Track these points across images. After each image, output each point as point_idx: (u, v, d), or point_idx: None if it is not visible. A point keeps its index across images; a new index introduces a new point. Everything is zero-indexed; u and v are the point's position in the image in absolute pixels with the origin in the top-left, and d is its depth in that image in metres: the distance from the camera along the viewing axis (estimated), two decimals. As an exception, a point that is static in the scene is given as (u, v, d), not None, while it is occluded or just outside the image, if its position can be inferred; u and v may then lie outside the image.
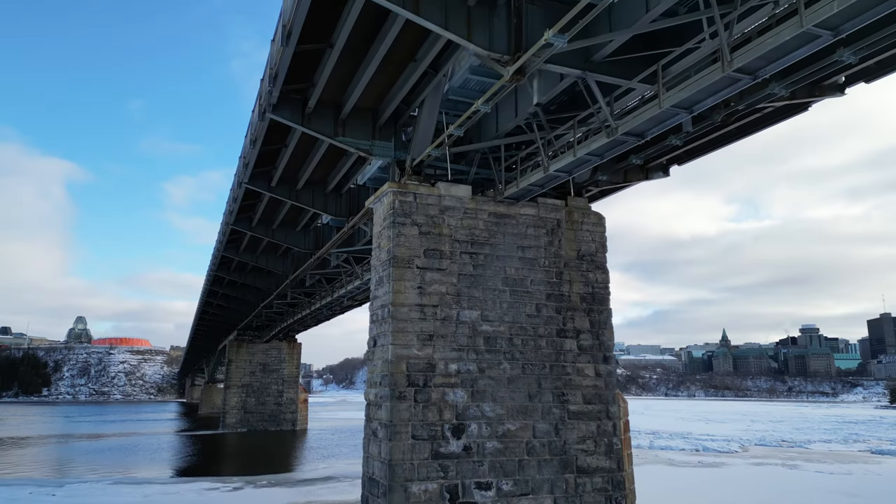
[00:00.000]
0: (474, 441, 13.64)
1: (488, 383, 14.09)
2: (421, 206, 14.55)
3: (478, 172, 15.61)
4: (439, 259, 14.40)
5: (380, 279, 14.69)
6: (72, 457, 34.47)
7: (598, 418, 14.89)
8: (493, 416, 13.92)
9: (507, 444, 13.89)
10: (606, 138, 11.18)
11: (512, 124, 13.75)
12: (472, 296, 14.47)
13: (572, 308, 15.36)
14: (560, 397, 14.65)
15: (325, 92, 14.19)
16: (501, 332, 14.50)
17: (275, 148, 17.99)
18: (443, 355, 13.89)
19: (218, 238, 30.93)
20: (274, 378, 53.71)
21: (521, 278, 15.03)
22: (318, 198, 20.75)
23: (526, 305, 14.90)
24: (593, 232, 16.16)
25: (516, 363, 14.46)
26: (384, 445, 13.22)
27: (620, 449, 14.93)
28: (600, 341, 15.46)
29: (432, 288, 14.17)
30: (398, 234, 14.17)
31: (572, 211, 16.04)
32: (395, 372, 13.43)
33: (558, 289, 15.34)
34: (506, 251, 15.05)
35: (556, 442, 14.34)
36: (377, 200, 15.24)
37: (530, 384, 14.46)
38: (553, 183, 13.98)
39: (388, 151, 15.40)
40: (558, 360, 14.88)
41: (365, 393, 14.86)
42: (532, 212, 15.57)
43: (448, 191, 14.84)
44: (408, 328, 13.76)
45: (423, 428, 13.33)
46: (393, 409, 13.19)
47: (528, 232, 15.41)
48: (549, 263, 15.39)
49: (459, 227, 14.77)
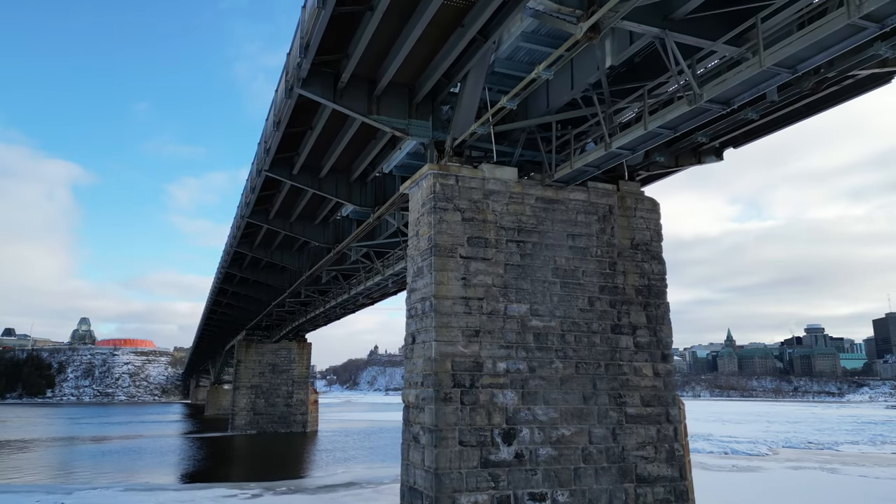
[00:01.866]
0: (526, 447, 12.37)
1: (540, 384, 12.82)
2: (463, 189, 13.28)
3: (522, 154, 14.36)
4: (484, 248, 13.13)
5: (418, 270, 13.43)
6: (78, 460, 33.27)
7: (657, 422, 13.60)
8: (545, 421, 12.65)
9: (561, 451, 12.61)
10: (687, 106, 9.88)
11: (566, 98, 12.49)
12: (520, 288, 13.20)
13: (627, 302, 14.07)
14: (617, 399, 13.37)
15: (361, 65, 12.92)
16: (552, 327, 13.23)
17: (299, 131, 16.72)
18: (490, 353, 12.62)
19: (231, 233, 29.69)
20: (283, 379, 52.45)
21: (573, 269, 13.75)
22: (342, 187, 19.48)
23: (578, 299, 13.62)
24: (647, 219, 14.87)
25: (569, 362, 13.18)
26: (428, 452, 11.95)
27: (682, 455, 13.64)
28: (658, 338, 14.17)
29: (477, 279, 12.91)
30: (439, 220, 12.91)
31: (625, 196, 14.76)
32: (440, 371, 12.17)
33: (612, 281, 14.06)
34: (555, 239, 13.77)
35: (614, 448, 13.06)
36: (414, 185, 13.98)
37: (585, 385, 13.18)
38: (613, 162, 12.70)
39: (426, 131, 14.14)
40: (614, 359, 13.60)
41: (403, 394, 13.59)
42: (582, 197, 14.29)
43: (492, 173, 13.57)
44: (452, 323, 12.50)
45: (471, 433, 12.06)
46: (438, 413, 11.92)
47: (578, 219, 14.13)
48: (601, 253, 14.11)
49: (505, 212, 13.51)
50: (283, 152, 17.92)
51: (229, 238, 30.63)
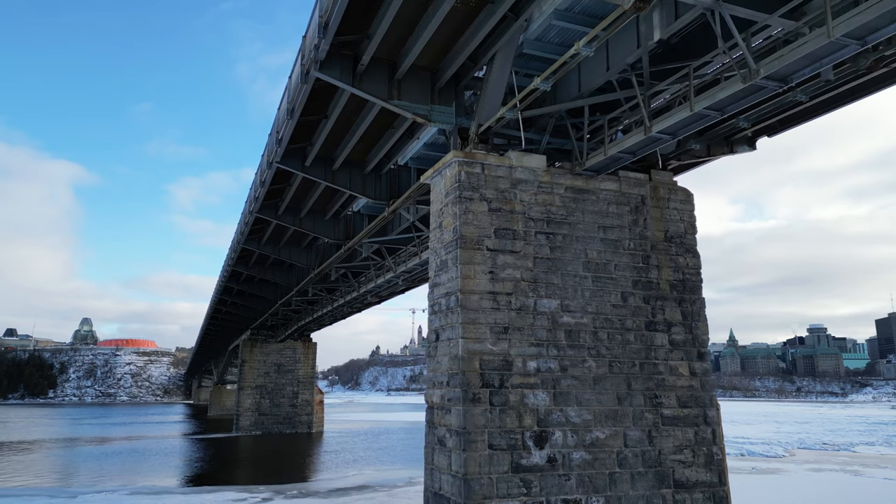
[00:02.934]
0: (559, 451, 11.65)
1: (572, 384, 12.10)
2: (490, 178, 12.57)
3: (549, 142, 13.65)
4: (512, 240, 12.42)
5: (442, 263, 12.72)
6: (80, 462, 32.60)
7: (695, 424, 12.88)
8: (579, 423, 11.93)
9: (595, 455, 11.89)
10: (741, 84, 9.16)
11: (600, 80, 11.78)
12: (551, 282, 12.49)
13: (662, 297, 13.35)
14: (652, 400, 12.65)
15: (382, 46, 12.23)
16: (584, 324, 12.51)
17: (313, 119, 16.01)
18: (520, 351, 11.91)
19: (238, 229, 28.98)
20: (289, 379, 51.75)
21: (604, 262, 13.04)
22: (356, 180, 18.77)
23: (611, 294, 12.91)
24: (681, 210, 14.15)
25: (602, 360, 12.46)
26: (456, 456, 11.24)
27: (721, 459, 12.92)
28: (694, 335, 13.45)
29: (505, 273, 12.19)
30: (465, 210, 12.20)
31: (657, 186, 14.04)
32: (467, 370, 11.45)
33: (645, 275, 13.35)
34: (586, 231, 13.06)
35: (650, 452, 12.34)
36: (437, 174, 13.27)
37: (619, 385, 12.46)
38: (650, 149, 11.99)
39: (449, 117, 13.43)
40: (648, 357, 12.88)
41: (426, 395, 12.88)
42: (613, 187, 13.57)
43: (520, 161, 12.86)
44: (479, 319, 11.79)
45: (501, 436, 11.35)
46: (466, 414, 11.21)
47: (609, 209, 13.42)
48: (634, 246, 13.39)
49: (533, 203, 12.80)
50: (296, 143, 17.22)
51: (236, 235, 29.94)
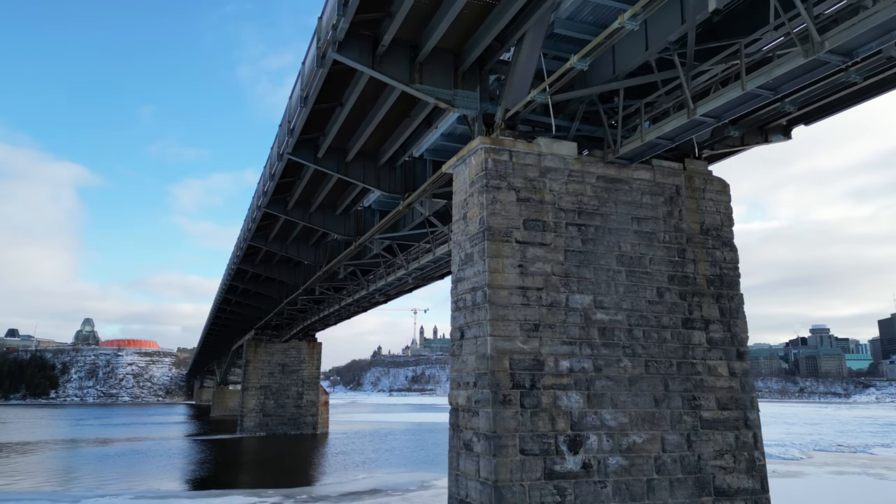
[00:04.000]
0: (594, 457, 10.92)
1: (607, 385, 11.37)
2: (518, 166, 11.85)
3: (579, 129, 12.93)
4: (542, 232, 11.69)
5: (467, 257, 11.99)
6: (82, 464, 31.91)
7: (735, 427, 12.14)
8: (614, 426, 11.19)
9: (632, 461, 11.15)
10: (803, 59, 8.43)
11: (637, 60, 11.03)
12: (583, 277, 11.76)
13: (699, 293, 12.62)
14: (691, 402, 11.91)
15: (404, 27, 11.51)
16: (619, 321, 11.78)
17: (328, 108, 15.28)
18: (552, 350, 11.18)
19: (244, 226, 28.26)
20: (293, 379, 51.05)
21: (639, 256, 12.30)
22: (370, 172, 18.04)
23: (646, 289, 12.17)
24: (717, 201, 13.42)
25: (638, 360, 11.73)
26: (485, 462, 10.51)
27: (763, 465, 12.18)
28: (732, 333, 12.72)
29: (535, 267, 11.46)
30: (492, 200, 11.47)
31: (692, 176, 13.30)
32: (497, 370, 10.72)
33: (681, 269, 12.61)
34: (619, 223, 12.33)
35: (689, 457, 11.60)
36: (460, 162, 12.55)
37: (655, 386, 11.72)
38: (691, 134, 11.26)
39: (473, 102, 12.71)
40: (686, 357, 12.14)
41: (450, 396, 12.15)
42: (647, 176, 12.84)
43: (550, 148, 12.13)
44: (509, 316, 11.06)
45: (534, 440, 10.62)
46: (496, 417, 10.48)
47: (643, 200, 12.68)
48: (669, 239, 12.66)
49: (563, 192, 12.07)
50: (309, 133, 16.49)
51: (242, 231, 29.23)
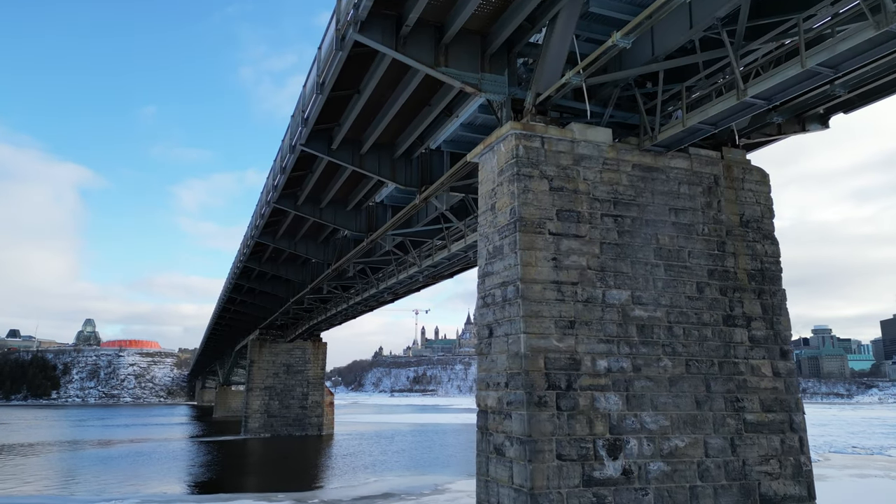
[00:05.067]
0: (634, 462, 10.24)
1: (646, 385, 10.68)
2: (550, 153, 11.17)
3: (612, 116, 12.25)
4: (576, 223, 11.01)
5: (495, 250, 11.31)
6: (84, 466, 31.26)
7: (780, 430, 11.45)
8: (655, 429, 10.51)
9: (674, 467, 10.47)
10: (874, 31, 7.75)
11: (681, 40, 10.35)
12: (619, 271, 11.08)
13: (740, 288, 11.93)
14: (734, 404, 11.22)
15: (429, 7, 10.83)
16: (658, 318, 11.10)
17: (345, 95, 14.59)
18: (588, 348, 10.50)
19: (252, 222, 27.59)
20: (298, 380, 50.36)
21: (677, 249, 11.62)
22: (385, 164, 17.36)
23: (685, 284, 11.49)
24: (757, 192, 12.73)
25: (678, 359, 11.04)
26: (519, 468, 9.82)
27: (810, 471, 11.49)
28: (776, 331, 12.03)
29: (570, 260, 10.79)
30: (524, 189, 10.79)
31: (731, 165, 12.62)
32: (531, 370, 10.04)
33: (721, 263, 11.93)
34: (656, 214, 11.65)
35: (734, 462, 10.91)
36: (487, 150, 11.87)
37: (697, 386, 11.03)
38: (738, 118, 10.57)
39: (501, 87, 12.02)
40: (728, 356, 11.45)
41: (478, 397, 11.47)
42: (684, 165, 12.16)
43: (584, 134, 11.45)
44: (543, 312, 10.38)
45: (571, 445, 9.94)
46: (531, 420, 9.80)
47: (680, 190, 12.00)
48: (708, 231, 11.98)
49: (598, 181, 11.39)
50: (323, 123, 15.80)
51: (249, 228, 28.56)
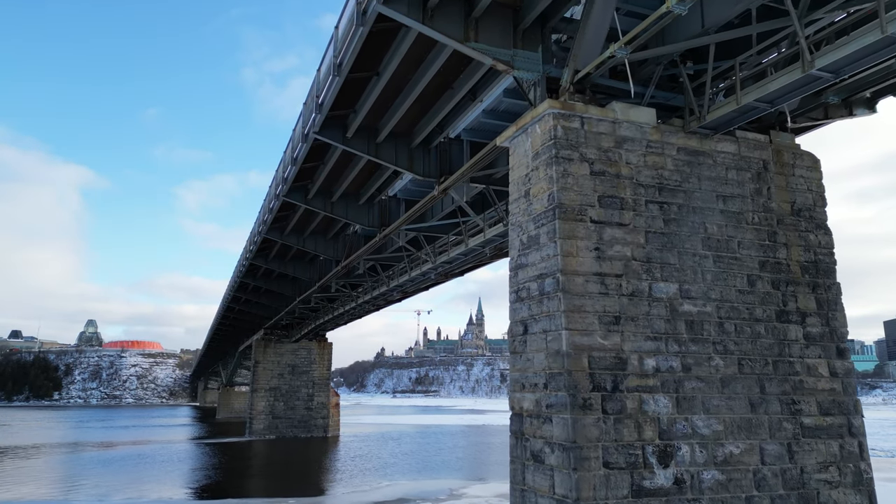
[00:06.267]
0: (687, 470, 9.36)
1: (697, 387, 9.81)
2: (590, 135, 10.30)
3: (653, 96, 11.37)
4: (619, 210, 10.14)
5: (531, 239, 10.44)
6: (85, 469, 30.45)
7: (839, 435, 10.57)
8: (708, 435, 9.63)
9: (729, 475, 9.59)
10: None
11: (738, 8, 9.49)
12: (666, 262, 10.21)
13: (793, 282, 11.06)
14: (790, 406, 10.34)
15: (459, -27, 10.00)
16: (708, 313, 10.22)
17: (364, 77, 13.72)
18: (635, 346, 9.63)
19: (259, 217, 26.76)
20: (304, 381, 49.51)
21: (726, 239, 10.75)
22: (402, 154, 16.51)
23: (735, 277, 10.62)
24: (808, 179, 11.86)
25: (731, 358, 10.16)
26: (562, 477, 8.95)
27: (871, 478, 10.60)
28: (832, 328, 11.15)
29: (614, 250, 9.92)
30: (563, 172, 9.92)
31: (780, 150, 11.74)
32: (575, 369, 9.17)
33: (773, 254, 11.05)
34: (703, 201, 10.78)
35: (791, 470, 10.03)
36: (520, 132, 11.00)
37: (751, 388, 10.16)
38: (800, 93, 9.66)
39: (535, 64, 11.16)
40: (782, 354, 10.57)
41: (511, 399, 10.59)
42: (731, 149, 11.29)
43: (626, 114, 10.58)
44: (586, 307, 9.51)
45: (619, 452, 9.06)
46: (576, 424, 8.92)
47: (728, 176, 11.13)
48: (758, 220, 11.10)
49: (642, 165, 10.52)
50: (339, 109, 14.94)
51: (256, 224, 27.73)
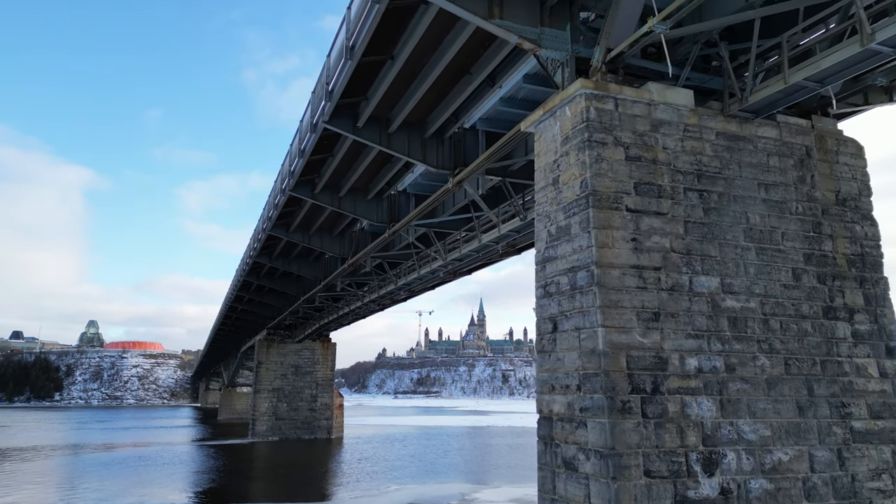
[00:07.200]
0: (733, 479, 8.63)
1: (742, 388, 9.09)
2: (625, 117, 9.59)
3: (688, 78, 10.65)
4: (657, 198, 9.43)
5: (559, 230, 9.73)
6: (84, 473, 29.77)
7: (891, 440, 9.83)
8: (754, 440, 8.91)
9: (778, 484, 8.86)
10: None
11: (786, -19, 8.79)
12: (707, 254, 9.49)
13: (839, 276, 10.34)
14: (840, 410, 9.62)
15: (484, -56, 9.29)
16: (752, 309, 9.50)
17: (377, 61, 13.01)
18: (675, 344, 8.91)
19: (263, 214, 26.07)
20: (307, 381, 48.80)
21: (769, 230, 10.03)
22: (415, 144, 15.79)
23: (780, 270, 9.89)
24: (853, 167, 11.14)
25: (777, 357, 9.44)
26: (600, 486, 8.23)
27: (926, 487, 9.86)
28: (880, 325, 10.42)
29: (651, 241, 9.20)
30: (597, 157, 9.21)
31: (823, 136, 11.02)
32: (612, 370, 8.45)
33: (818, 247, 10.33)
34: (744, 190, 10.06)
35: (842, 478, 9.31)
36: (548, 115, 10.28)
37: (798, 389, 9.43)
38: (855, 71, 8.94)
39: (563, 43, 10.45)
40: (830, 354, 9.85)
41: (539, 401, 9.86)
42: (772, 134, 10.57)
43: (662, 96, 9.86)
44: (623, 302, 8.79)
45: (661, 459, 8.34)
46: (614, 429, 8.20)
47: (770, 163, 10.41)
48: (802, 210, 10.38)
49: (679, 151, 9.80)
50: (350, 96, 14.23)
51: (260, 221, 27.04)
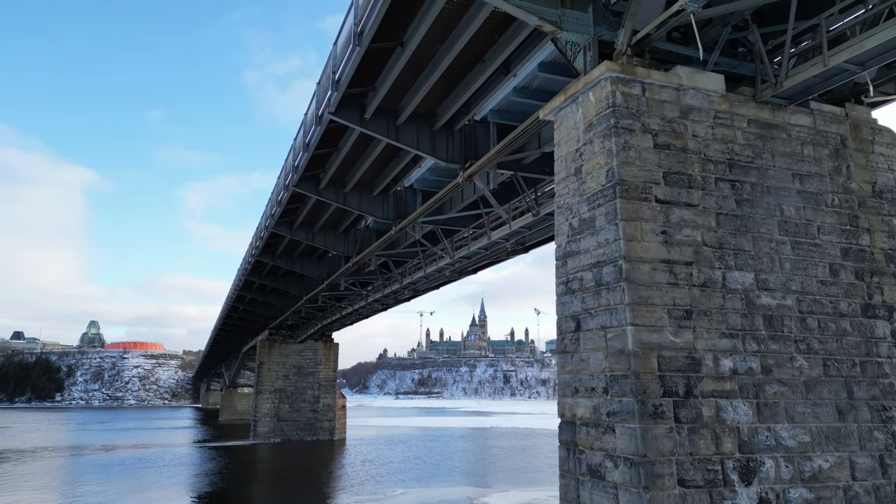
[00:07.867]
0: (771, 488, 8.06)
1: (779, 391, 8.52)
2: (653, 103, 9.03)
3: (717, 63, 10.09)
4: (687, 188, 8.87)
5: (584, 223, 9.17)
6: (85, 475, 29.27)
7: (935, 447, 9.27)
8: (793, 446, 8.34)
9: (818, 493, 8.30)
10: None
11: (828, -44, 8.24)
12: (740, 248, 8.93)
13: (877, 272, 9.77)
14: (881, 413, 9.05)
15: (504, -83, 8.74)
16: (788, 307, 8.94)
17: (386, 48, 12.45)
18: (709, 344, 8.34)
19: (266, 211, 25.53)
20: (309, 382, 48.26)
21: (805, 223, 9.47)
22: (424, 137, 15.23)
23: (816, 266, 9.33)
24: (889, 157, 10.58)
25: (815, 358, 8.88)
26: (630, 496, 7.66)
27: (973, 496, 9.29)
28: (921, 324, 9.85)
29: (682, 234, 8.64)
30: (624, 145, 8.65)
31: (858, 125, 10.46)
32: (643, 371, 7.89)
33: (855, 241, 9.77)
34: (777, 180, 9.50)
35: (885, 486, 8.74)
36: (570, 101, 9.72)
37: (838, 392, 8.87)
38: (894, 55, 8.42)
39: (585, 26, 9.88)
40: (869, 354, 9.28)
41: (561, 405, 9.29)
42: (806, 122, 10.01)
43: (692, 80, 9.30)
44: (653, 299, 8.22)
45: (695, 467, 7.78)
46: (646, 435, 7.64)
47: (804, 152, 9.85)
48: (838, 202, 9.82)
49: (710, 139, 9.24)
50: (357, 86, 13.68)
51: (263, 219, 26.50)
